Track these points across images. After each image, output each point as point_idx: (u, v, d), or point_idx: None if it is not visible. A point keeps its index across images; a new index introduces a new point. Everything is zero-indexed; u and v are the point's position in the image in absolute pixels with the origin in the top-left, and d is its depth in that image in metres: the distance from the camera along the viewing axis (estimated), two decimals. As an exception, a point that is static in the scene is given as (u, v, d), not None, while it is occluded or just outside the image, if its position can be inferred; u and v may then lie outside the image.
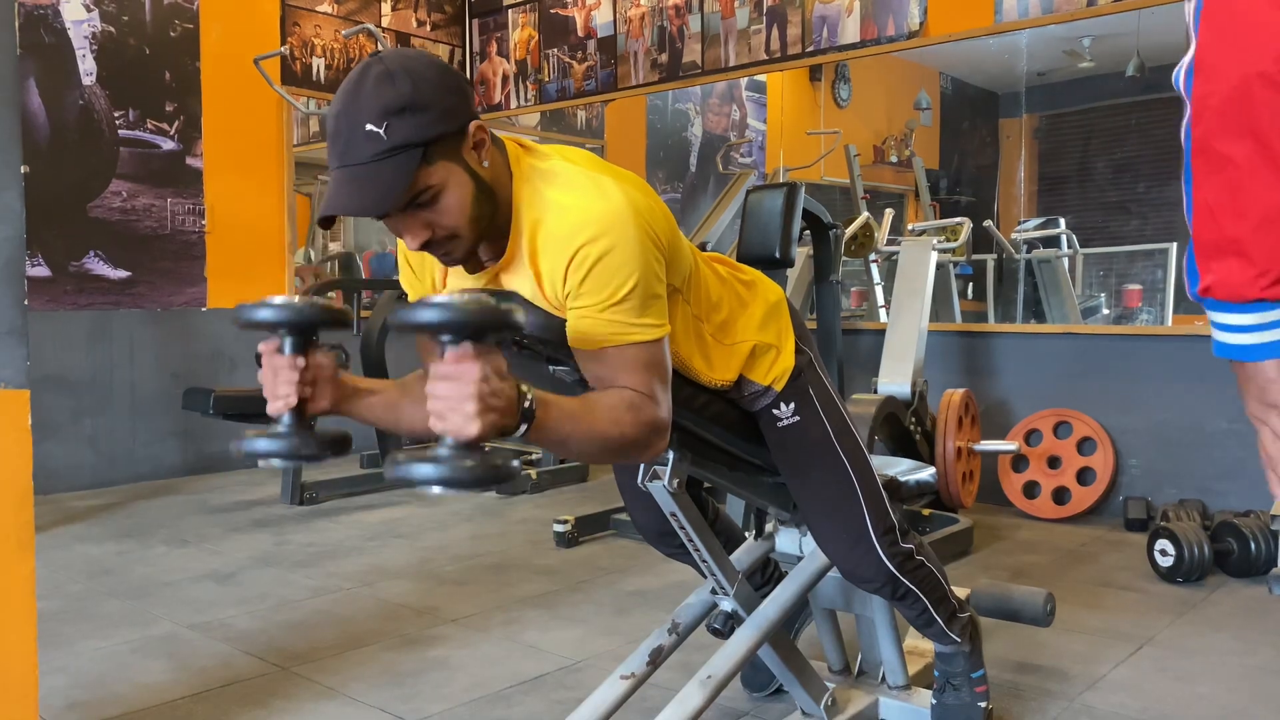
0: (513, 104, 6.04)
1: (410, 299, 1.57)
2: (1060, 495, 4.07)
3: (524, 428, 1.17)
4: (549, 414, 1.21)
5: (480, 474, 1.10)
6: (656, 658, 1.79)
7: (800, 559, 2.00)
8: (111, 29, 4.77)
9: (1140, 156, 6.42)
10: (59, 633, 2.70)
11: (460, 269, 1.43)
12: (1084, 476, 4.04)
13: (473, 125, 1.31)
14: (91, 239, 4.73)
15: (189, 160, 5.04)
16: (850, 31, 4.63)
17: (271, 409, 1.30)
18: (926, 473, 2.18)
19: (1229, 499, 3.76)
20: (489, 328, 1.11)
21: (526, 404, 1.17)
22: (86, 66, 4.70)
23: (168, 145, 4.97)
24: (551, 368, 1.49)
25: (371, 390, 1.44)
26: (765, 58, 4.95)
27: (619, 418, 1.30)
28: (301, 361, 1.29)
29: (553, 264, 1.34)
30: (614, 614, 2.85)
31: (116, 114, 4.80)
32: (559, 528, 3.62)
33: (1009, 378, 4.35)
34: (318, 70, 5.49)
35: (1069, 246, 4.94)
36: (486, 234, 1.35)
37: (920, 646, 2.31)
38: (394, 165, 1.24)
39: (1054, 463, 4.11)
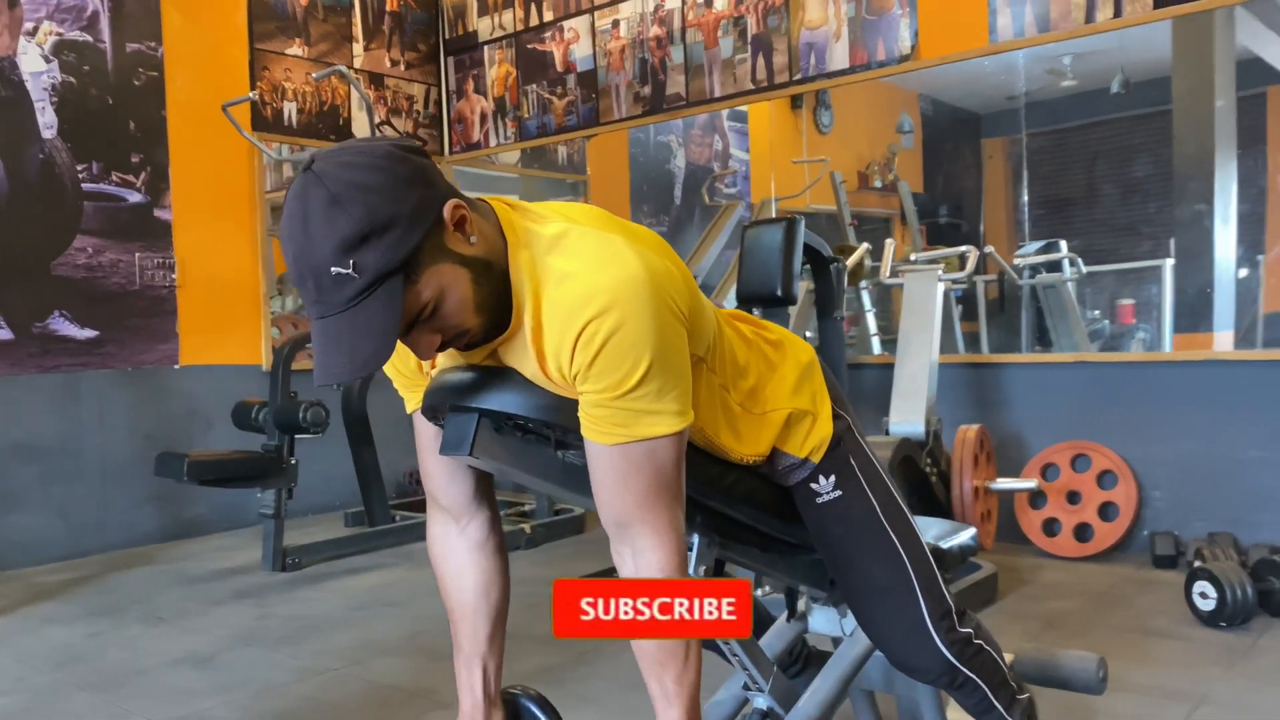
0: (491, 142, 5.87)
1: (396, 384, 1.38)
2: (1082, 532, 3.89)
3: None
4: None
5: None
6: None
7: (836, 639, 1.81)
8: (72, 79, 4.57)
9: (1129, 173, 6.31)
10: (19, 738, 2.47)
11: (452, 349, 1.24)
12: (1106, 512, 3.87)
13: (448, 208, 1.11)
14: (56, 298, 4.51)
15: (157, 212, 4.83)
16: (839, 57, 4.49)
17: None
18: (967, 535, 2.00)
19: (1261, 531, 3.58)
20: None
21: None
22: (46, 119, 4.50)
23: (134, 198, 4.77)
24: (560, 452, 1.30)
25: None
26: (752, 87, 4.80)
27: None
28: None
29: (557, 341, 1.15)
30: (625, 690, 2.63)
31: (79, 167, 4.60)
32: (559, 590, 3.40)
33: (1020, 410, 4.17)
34: (289, 115, 5.30)
35: (1072, 269, 4.79)
36: (495, 310, 1.17)
37: (966, 722, 2.12)
38: (379, 303, 1.06)
39: (1073, 498, 3.93)
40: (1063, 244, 5.12)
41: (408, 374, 1.32)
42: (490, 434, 1.21)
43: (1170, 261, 5.26)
